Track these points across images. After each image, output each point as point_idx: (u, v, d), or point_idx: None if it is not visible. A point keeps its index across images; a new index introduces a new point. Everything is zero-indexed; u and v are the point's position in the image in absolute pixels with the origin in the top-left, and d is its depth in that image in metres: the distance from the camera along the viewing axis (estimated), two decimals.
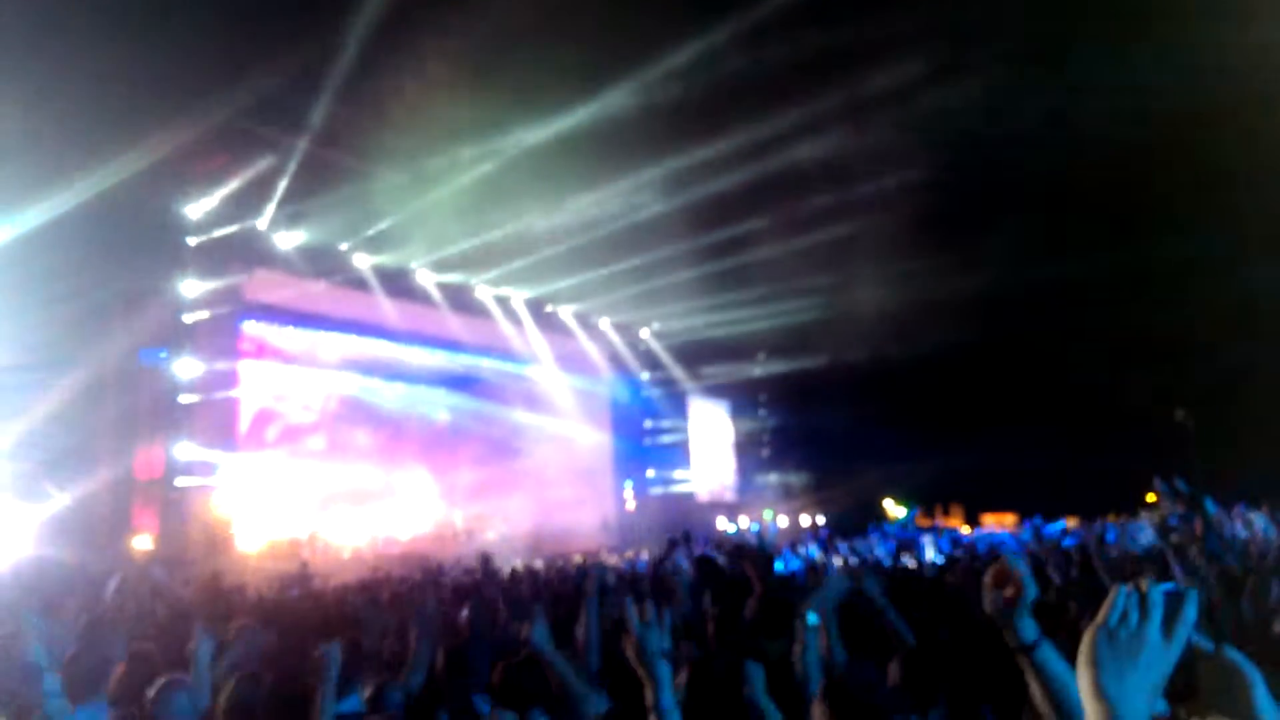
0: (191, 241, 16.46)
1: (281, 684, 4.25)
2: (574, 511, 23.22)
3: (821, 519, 30.17)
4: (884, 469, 29.48)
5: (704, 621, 4.51)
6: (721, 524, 28.30)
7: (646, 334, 28.59)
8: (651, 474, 29.21)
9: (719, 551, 9.96)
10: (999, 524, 25.00)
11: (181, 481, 15.91)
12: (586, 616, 3.74)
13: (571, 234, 18.72)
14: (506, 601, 5.82)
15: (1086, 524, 16.05)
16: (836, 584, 3.78)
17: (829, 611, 3.44)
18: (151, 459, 15.75)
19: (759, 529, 25.63)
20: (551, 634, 3.19)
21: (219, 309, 16.84)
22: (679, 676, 2.52)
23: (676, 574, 6.57)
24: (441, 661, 4.00)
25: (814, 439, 30.04)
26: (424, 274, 21.23)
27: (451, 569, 12.38)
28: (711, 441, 31.23)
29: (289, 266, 18.29)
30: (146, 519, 15.38)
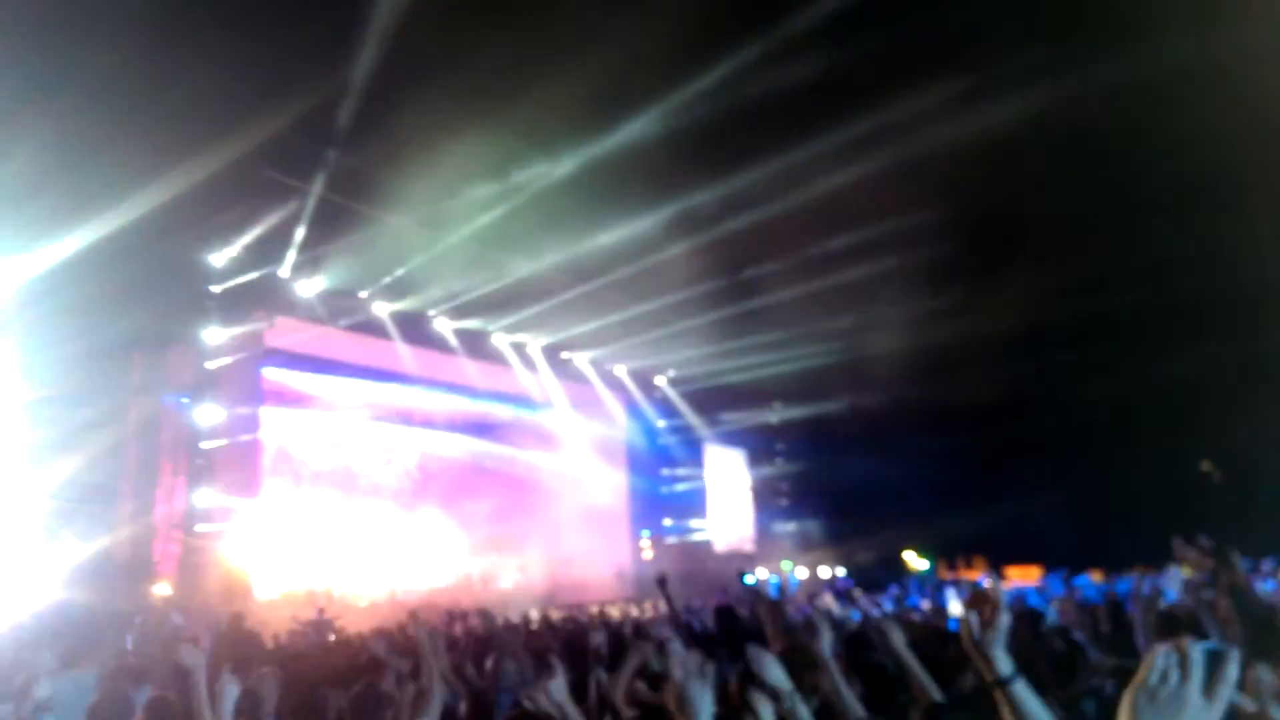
0: (214, 289, 16.72)
1: None
2: (590, 560, 23.06)
3: (841, 571, 29.78)
4: (905, 520, 29.16)
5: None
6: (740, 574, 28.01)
7: (662, 381, 28.62)
8: (668, 523, 29.02)
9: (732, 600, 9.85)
10: (1023, 577, 24.57)
11: (201, 528, 15.95)
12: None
13: (587, 277, 18.82)
14: (527, 652, 5.78)
15: (1112, 578, 15.78)
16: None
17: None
18: (172, 504, 15.82)
19: (779, 582, 25.32)
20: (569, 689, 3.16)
21: (240, 355, 17.03)
22: None
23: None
24: (466, 711, 3.98)
25: (833, 488, 29.80)
26: (441, 321, 21.45)
27: (469, 617, 12.29)
28: (729, 490, 31.02)
29: (310, 313, 18.52)
30: (166, 565, 15.40)
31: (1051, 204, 17.20)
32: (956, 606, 11.36)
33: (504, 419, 23.56)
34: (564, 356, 24.87)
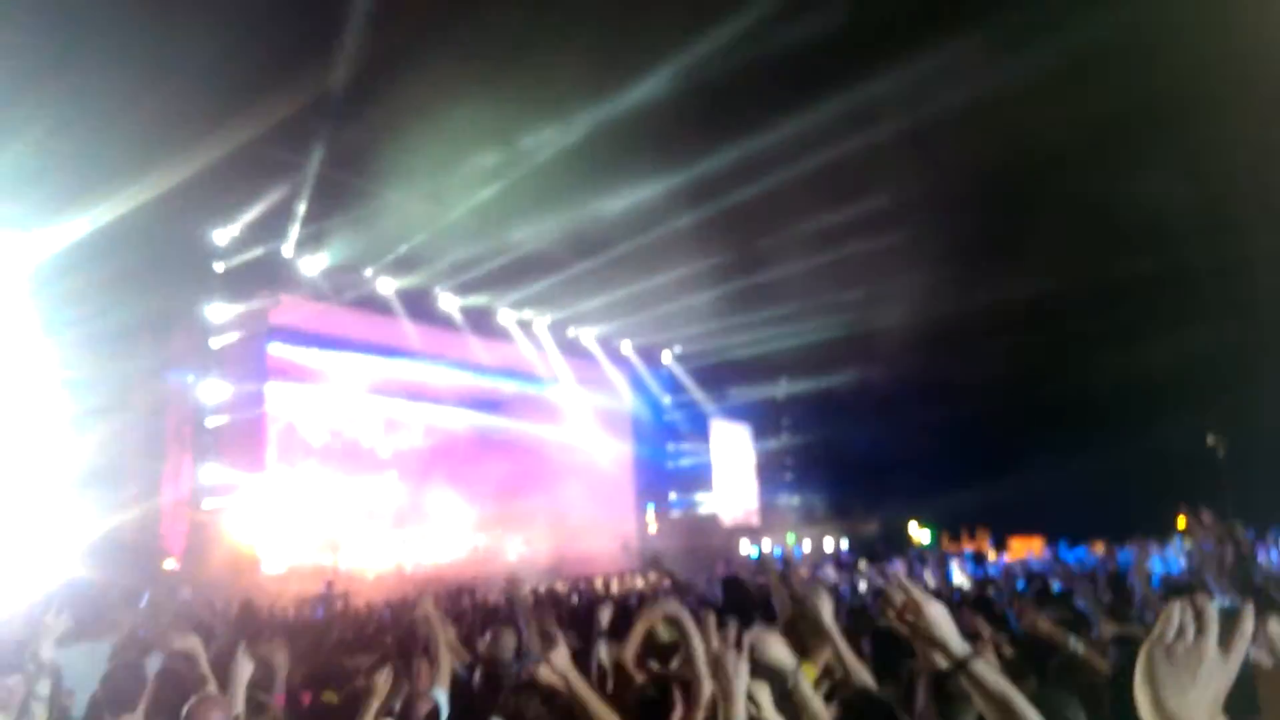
0: (218, 267, 16.71)
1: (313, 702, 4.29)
2: (595, 534, 23.18)
3: (845, 543, 29.92)
4: (908, 492, 29.23)
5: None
6: (744, 547, 28.15)
7: (668, 357, 28.62)
8: (674, 497, 29.14)
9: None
10: (1026, 547, 24.65)
11: (208, 504, 16.06)
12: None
13: (592, 250, 18.67)
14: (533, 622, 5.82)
15: (1111, 548, 15.82)
16: None
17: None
18: (179, 481, 15.92)
19: (782, 553, 25.44)
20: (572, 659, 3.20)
21: (245, 332, 17.06)
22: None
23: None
24: (480, 681, 4.03)
25: (837, 462, 29.88)
26: (447, 298, 21.43)
27: (478, 590, 12.39)
28: (734, 464, 31.11)
29: (314, 291, 18.51)
30: (174, 541, 15.52)
31: (1059, 174, 17.03)
32: (961, 577, 11.43)
33: (510, 395, 23.59)
34: (570, 333, 24.86)
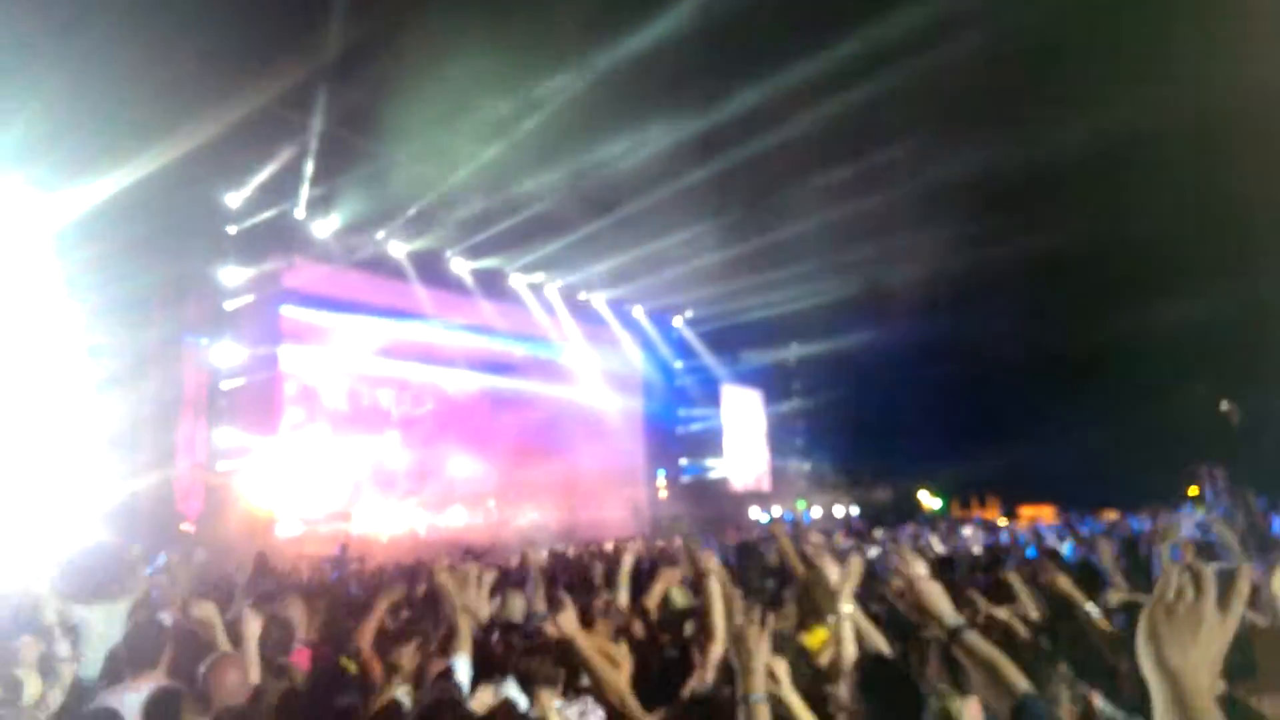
0: (231, 230, 16.73)
1: (326, 661, 4.35)
2: (606, 498, 23.34)
3: (855, 510, 30.04)
4: (920, 460, 29.29)
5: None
6: (754, 513, 28.30)
7: (679, 322, 28.60)
8: (684, 462, 29.26)
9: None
10: (1037, 516, 24.71)
11: (223, 466, 16.22)
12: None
13: (603, 209, 18.52)
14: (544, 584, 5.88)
15: (1124, 517, 15.82)
16: None
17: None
18: (194, 444, 16.07)
19: (792, 519, 25.57)
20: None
21: (258, 295, 17.11)
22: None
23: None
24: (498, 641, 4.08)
25: (848, 428, 29.93)
26: (458, 261, 21.44)
27: (489, 554, 12.51)
28: (745, 430, 31.18)
29: (326, 254, 18.54)
30: (190, 503, 15.70)
31: (1077, 146, 16.79)
32: (975, 544, 11.46)
33: (521, 359, 23.66)
34: (581, 297, 24.85)
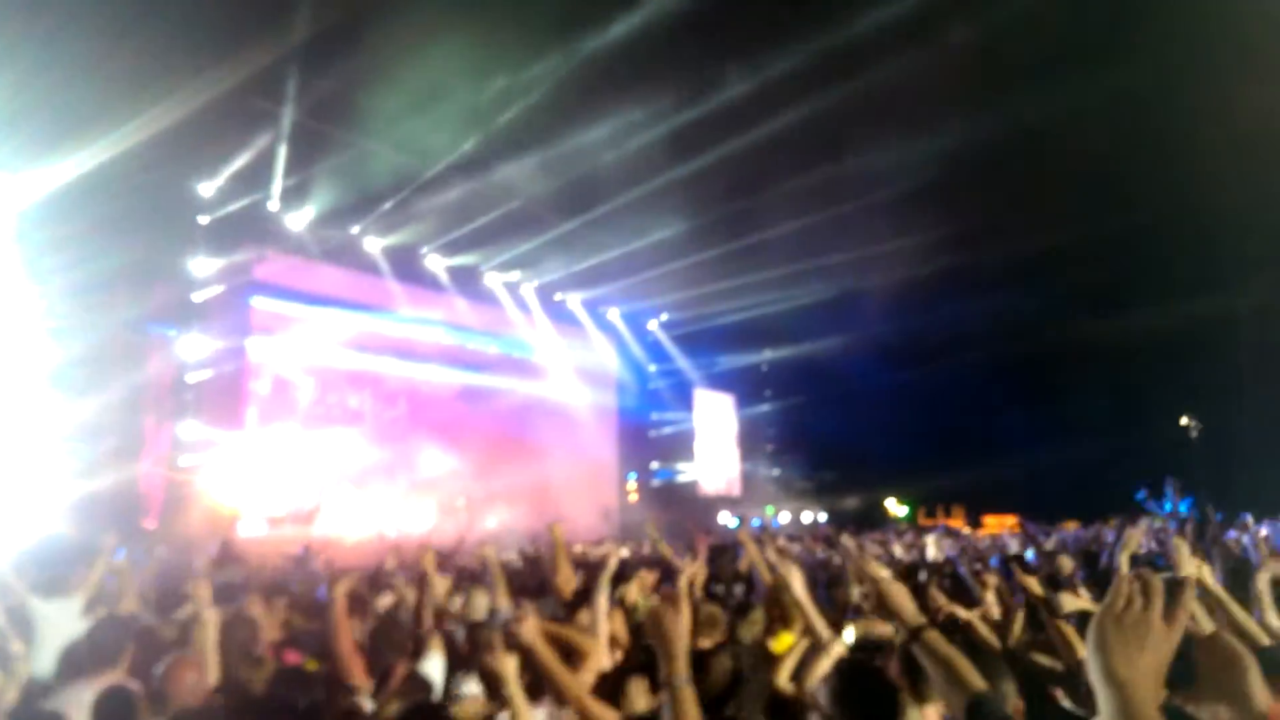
0: (202, 220, 16.50)
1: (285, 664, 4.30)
2: (576, 501, 23.26)
3: (824, 516, 30.22)
4: (887, 468, 29.54)
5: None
6: (724, 518, 28.36)
7: (654, 325, 28.62)
8: (656, 466, 29.25)
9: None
10: (1000, 526, 25.01)
11: (186, 461, 15.97)
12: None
13: (578, 209, 18.50)
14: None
15: (1086, 528, 16.05)
16: None
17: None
18: (158, 437, 15.81)
19: (760, 524, 25.66)
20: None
21: (228, 286, 16.88)
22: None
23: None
24: (464, 642, 4.06)
25: (818, 435, 30.12)
26: (434, 259, 21.32)
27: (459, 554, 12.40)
28: (716, 435, 31.24)
29: (300, 248, 18.35)
30: (151, 498, 15.45)
31: (1040, 159, 17.00)
32: (933, 550, 11.57)
33: (494, 358, 23.55)
34: (557, 297, 24.79)
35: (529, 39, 13.47)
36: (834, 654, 3.24)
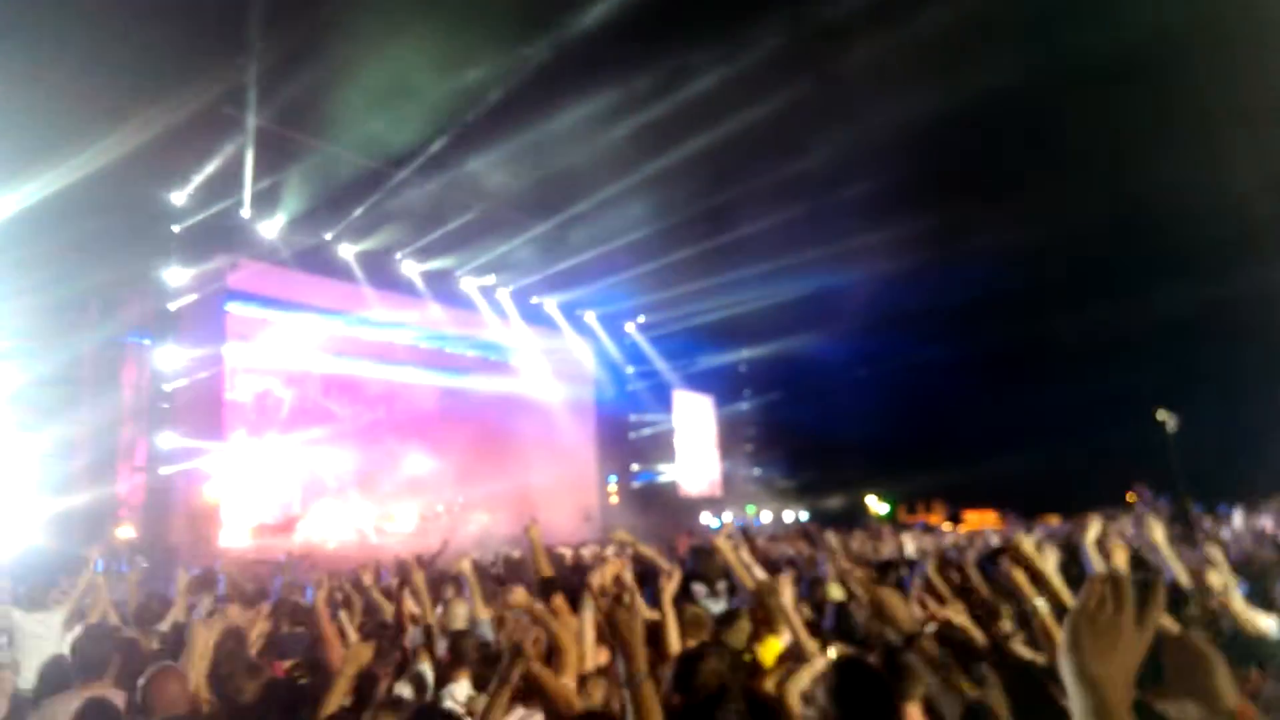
0: (175, 229, 16.34)
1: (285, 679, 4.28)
2: (557, 504, 23.21)
3: (805, 515, 30.33)
4: (867, 466, 29.68)
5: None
6: (706, 519, 28.41)
7: (631, 327, 28.62)
8: (636, 468, 29.24)
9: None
10: (981, 522, 25.19)
11: (164, 470, 15.80)
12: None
13: (550, 210, 18.50)
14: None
15: (1067, 523, 16.20)
16: None
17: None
18: (134, 447, 15.64)
19: (743, 524, 25.71)
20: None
21: (202, 294, 16.73)
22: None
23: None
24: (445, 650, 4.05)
25: (798, 434, 30.22)
26: (408, 264, 21.23)
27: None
28: (696, 436, 31.30)
29: (273, 255, 18.22)
30: (130, 508, 15.28)
31: (1019, 141, 17.10)
32: (911, 546, 11.63)
33: (472, 362, 23.47)
34: (534, 301, 24.74)
35: (491, 35, 13.38)
36: (817, 667, 3.26)
